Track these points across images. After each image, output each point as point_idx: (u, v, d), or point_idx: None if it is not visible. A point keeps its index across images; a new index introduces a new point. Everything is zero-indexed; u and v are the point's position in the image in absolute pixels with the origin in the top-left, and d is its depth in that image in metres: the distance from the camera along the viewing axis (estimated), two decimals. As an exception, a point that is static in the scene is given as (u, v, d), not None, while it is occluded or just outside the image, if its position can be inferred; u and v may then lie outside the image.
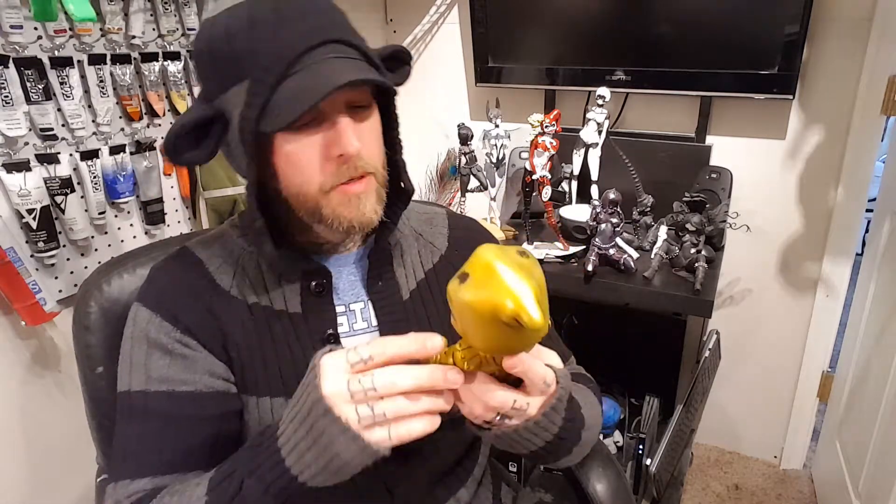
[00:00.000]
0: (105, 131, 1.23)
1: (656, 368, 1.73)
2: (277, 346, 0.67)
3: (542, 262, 1.38)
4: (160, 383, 0.64)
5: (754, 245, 1.69)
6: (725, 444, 1.96)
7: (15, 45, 1.05)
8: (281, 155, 0.60)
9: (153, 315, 0.65)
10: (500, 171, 1.53)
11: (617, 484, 0.86)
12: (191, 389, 0.64)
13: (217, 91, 0.60)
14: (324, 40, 0.58)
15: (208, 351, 0.65)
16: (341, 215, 0.62)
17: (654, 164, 1.61)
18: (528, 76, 1.74)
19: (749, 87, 1.49)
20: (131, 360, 0.65)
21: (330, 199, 0.62)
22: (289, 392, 0.62)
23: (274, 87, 0.56)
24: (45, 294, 1.14)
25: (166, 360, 0.64)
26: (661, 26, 1.54)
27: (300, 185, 0.61)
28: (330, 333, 0.68)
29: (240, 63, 0.57)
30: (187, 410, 0.63)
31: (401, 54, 0.68)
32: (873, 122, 1.48)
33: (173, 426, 0.63)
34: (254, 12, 0.57)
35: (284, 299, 0.68)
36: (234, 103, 0.58)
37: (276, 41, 0.57)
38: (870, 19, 1.42)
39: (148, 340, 0.65)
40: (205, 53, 0.61)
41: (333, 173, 0.61)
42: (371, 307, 0.71)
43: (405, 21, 1.95)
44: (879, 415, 1.35)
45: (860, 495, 1.42)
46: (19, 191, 1.07)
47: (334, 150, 0.60)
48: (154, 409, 0.63)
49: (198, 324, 0.65)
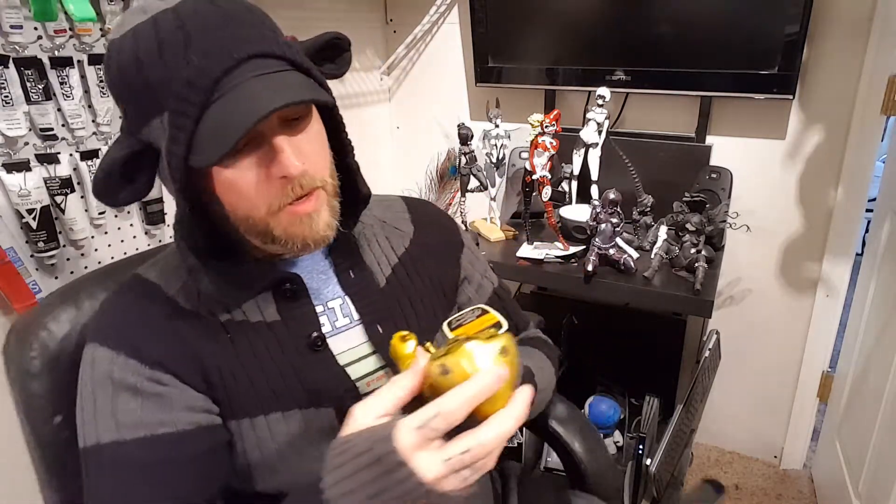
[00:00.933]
0: (105, 131, 1.23)
1: (656, 368, 1.73)
2: (261, 360, 0.62)
3: (542, 262, 1.38)
4: (135, 429, 0.57)
5: (754, 245, 1.69)
6: (725, 444, 1.96)
7: (15, 45, 1.05)
8: (220, 183, 0.56)
9: (114, 353, 0.58)
10: (500, 171, 1.53)
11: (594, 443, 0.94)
12: (170, 430, 0.57)
13: (139, 123, 0.55)
14: (241, 58, 0.52)
15: (184, 383, 0.59)
16: (294, 235, 0.59)
17: (654, 164, 1.61)
18: (528, 76, 1.74)
19: (749, 87, 1.49)
20: (95, 408, 0.58)
21: (280, 219, 0.58)
22: (283, 406, 0.62)
23: (196, 118, 0.51)
24: (45, 294, 1.14)
25: (137, 401, 0.57)
26: (661, 26, 1.54)
27: (247, 209, 0.57)
28: (315, 336, 0.65)
29: (154, 93, 0.52)
30: (171, 454, 0.57)
31: (339, 42, 0.63)
32: (873, 122, 1.48)
33: (158, 474, 0.57)
34: (160, 34, 0.52)
35: (259, 309, 0.64)
36: (158, 136, 0.54)
37: (189, 67, 0.51)
38: (870, 19, 1.42)
39: (112, 383, 0.57)
40: (118, 83, 0.55)
41: (278, 195, 0.57)
42: (349, 301, 0.69)
43: (405, 21, 1.95)
44: (879, 415, 1.35)
45: (860, 495, 1.42)
46: (19, 191, 1.07)
47: (275, 172, 0.55)
48: (132, 459, 0.56)
49: (168, 354, 0.59)
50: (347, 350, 0.67)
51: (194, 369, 0.60)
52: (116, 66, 0.55)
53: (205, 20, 0.52)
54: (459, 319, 0.57)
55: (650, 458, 1.39)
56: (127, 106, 0.56)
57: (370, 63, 1.98)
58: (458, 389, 0.46)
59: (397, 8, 1.97)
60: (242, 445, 0.62)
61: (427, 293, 0.75)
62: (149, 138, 0.56)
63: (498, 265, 1.43)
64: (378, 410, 0.49)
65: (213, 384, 0.60)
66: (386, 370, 0.68)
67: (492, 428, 0.46)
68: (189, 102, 0.51)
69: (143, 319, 0.61)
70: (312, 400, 0.63)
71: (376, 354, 0.68)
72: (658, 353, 1.73)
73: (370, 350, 0.68)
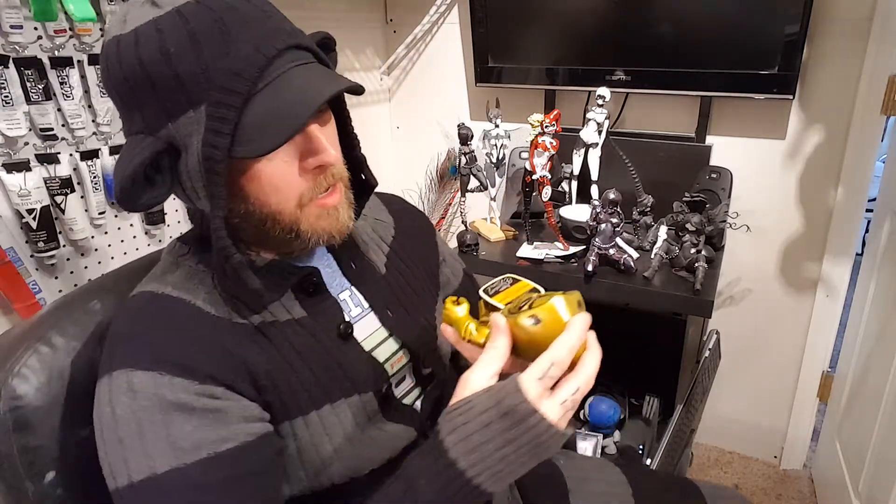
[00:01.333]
0: (105, 131, 1.23)
1: (656, 368, 1.73)
2: (303, 356, 0.63)
3: (542, 262, 1.38)
4: (195, 451, 0.53)
5: (754, 245, 1.69)
6: (725, 444, 1.96)
7: (15, 45, 1.05)
8: (251, 177, 0.56)
9: (156, 375, 0.54)
10: (500, 171, 1.53)
11: None
12: (232, 445, 0.55)
13: (161, 120, 0.54)
14: (281, 49, 0.54)
15: (237, 394, 0.57)
16: (320, 228, 0.61)
17: (654, 164, 1.61)
18: (527, 76, 1.74)
19: (749, 87, 1.49)
20: (143, 439, 0.53)
21: (308, 213, 0.60)
22: (331, 398, 0.63)
23: (241, 108, 0.52)
24: (45, 294, 1.14)
25: (192, 421, 0.54)
26: (661, 26, 1.54)
27: (276, 203, 0.58)
28: (344, 325, 0.67)
29: (188, 86, 0.52)
30: (236, 470, 0.54)
31: (328, 41, 0.64)
32: (873, 122, 1.48)
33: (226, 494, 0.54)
34: (192, 25, 0.51)
35: (285, 308, 0.64)
36: (189, 131, 0.53)
37: (231, 57, 0.51)
38: (870, 19, 1.42)
39: (162, 407, 0.53)
40: (134, 80, 0.53)
41: (310, 186, 0.59)
42: (356, 291, 0.71)
43: (405, 21, 1.95)
44: (879, 415, 1.35)
45: (860, 495, 1.42)
46: (19, 191, 1.07)
47: (311, 162, 0.57)
48: (197, 483, 0.53)
49: (216, 366, 0.56)
50: (368, 336, 0.70)
51: (243, 377, 0.58)
52: (133, 62, 0.52)
53: (242, 13, 0.53)
54: (495, 287, 0.63)
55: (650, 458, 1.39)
56: (144, 104, 0.54)
57: (370, 63, 1.98)
58: (562, 339, 0.51)
59: (397, 8, 1.97)
60: (296, 445, 0.62)
61: (419, 276, 0.79)
62: (173, 135, 0.54)
63: (498, 265, 1.43)
64: (492, 370, 0.53)
65: (263, 389, 0.59)
66: (403, 351, 0.72)
67: (588, 365, 0.52)
68: (235, 92, 0.51)
69: (180, 334, 0.57)
70: (355, 387, 0.65)
71: (392, 337, 0.72)
72: (658, 353, 1.73)
73: (387, 334, 0.72)
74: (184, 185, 0.57)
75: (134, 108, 0.55)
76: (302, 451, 0.62)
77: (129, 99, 0.55)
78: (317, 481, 0.64)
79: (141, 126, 0.55)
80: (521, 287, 0.62)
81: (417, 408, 0.74)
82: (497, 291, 0.62)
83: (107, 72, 0.55)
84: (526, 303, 0.56)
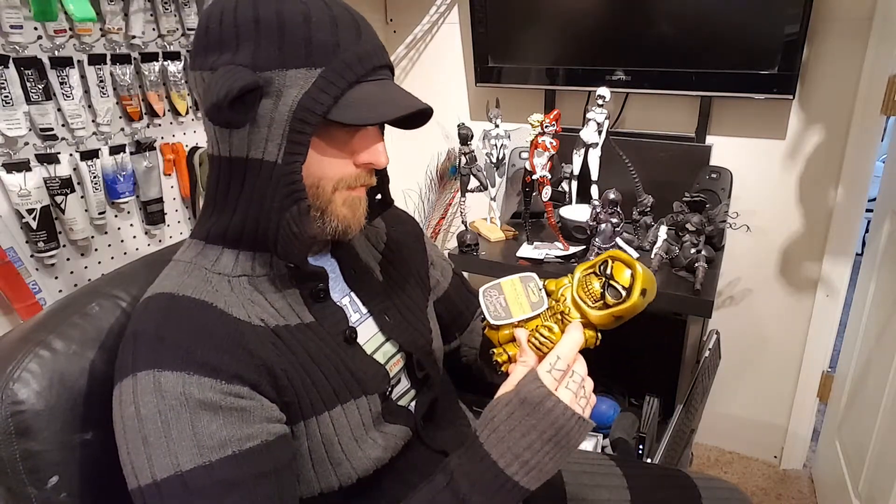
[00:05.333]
0: (105, 131, 1.23)
1: (656, 368, 1.73)
2: (315, 358, 0.65)
3: (543, 262, 1.38)
4: (221, 449, 0.55)
5: (754, 245, 1.69)
6: (725, 444, 1.96)
7: (15, 45, 1.05)
8: (321, 142, 0.62)
9: (185, 375, 0.55)
10: (500, 171, 1.53)
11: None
12: (256, 444, 0.57)
13: (271, 63, 0.58)
14: (382, 64, 0.63)
15: (260, 394, 0.59)
16: (342, 214, 0.65)
17: (654, 164, 1.61)
18: (528, 76, 1.74)
19: (749, 87, 1.49)
20: (169, 438, 0.54)
21: (336, 197, 0.65)
22: (342, 398, 0.66)
23: (349, 85, 0.60)
24: (45, 294, 1.14)
25: (218, 420, 0.55)
26: (660, 26, 1.54)
27: (319, 177, 0.63)
28: (350, 327, 0.70)
29: (315, 51, 0.59)
30: (260, 468, 0.56)
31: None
32: (873, 122, 1.48)
33: (251, 490, 0.55)
34: (336, 14, 0.60)
35: (294, 312, 0.67)
36: (293, 84, 0.58)
37: (361, 47, 0.61)
38: (870, 19, 1.42)
39: (189, 405, 0.55)
40: (266, 24, 0.58)
41: (353, 175, 0.65)
42: (355, 297, 0.74)
43: (405, 21, 1.95)
44: (879, 415, 1.35)
45: (860, 495, 1.42)
46: (19, 191, 1.07)
47: (364, 157, 0.64)
48: (223, 480, 0.54)
49: (242, 366, 0.58)
50: (368, 340, 0.73)
51: (266, 378, 0.60)
52: (269, 11, 0.58)
53: (367, 25, 0.64)
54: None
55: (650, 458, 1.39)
56: (263, 45, 0.58)
57: (370, 63, 1.98)
58: (567, 338, 0.60)
59: (397, 8, 1.97)
60: (309, 445, 0.64)
61: (412, 281, 0.83)
62: (274, 80, 0.58)
63: (498, 265, 1.43)
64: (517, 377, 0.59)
65: (283, 390, 0.61)
66: (400, 354, 0.76)
67: (563, 341, 0.60)
68: (352, 71, 0.60)
69: (207, 334, 0.58)
70: (363, 389, 0.68)
71: (390, 341, 0.75)
72: (658, 353, 1.73)
73: (385, 338, 0.75)
74: (259, 127, 0.60)
75: (248, 42, 0.58)
76: (313, 452, 0.64)
77: (247, 34, 0.58)
78: (326, 482, 0.66)
79: (247, 60, 0.58)
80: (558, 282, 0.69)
81: (412, 409, 0.76)
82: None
83: (234, 4, 0.60)
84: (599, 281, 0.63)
